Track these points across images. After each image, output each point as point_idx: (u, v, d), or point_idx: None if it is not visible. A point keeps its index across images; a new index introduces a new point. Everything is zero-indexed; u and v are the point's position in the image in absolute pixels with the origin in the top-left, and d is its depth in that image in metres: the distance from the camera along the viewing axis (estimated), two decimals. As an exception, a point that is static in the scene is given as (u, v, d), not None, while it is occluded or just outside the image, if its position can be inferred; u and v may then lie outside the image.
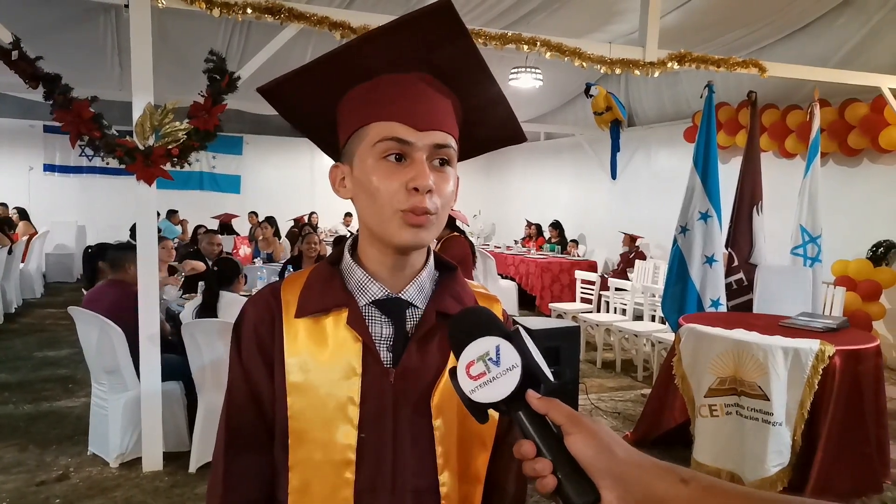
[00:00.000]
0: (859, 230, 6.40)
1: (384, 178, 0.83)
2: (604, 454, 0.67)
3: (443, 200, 0.85)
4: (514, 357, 0.71)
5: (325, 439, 0.86)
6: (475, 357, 0.72)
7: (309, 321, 0.89)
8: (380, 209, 0.84)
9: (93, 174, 11.63)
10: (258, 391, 0.90)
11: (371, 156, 0.84)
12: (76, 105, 3.28)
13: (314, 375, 0.87)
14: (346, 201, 4.25)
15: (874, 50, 6.19)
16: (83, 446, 3.89)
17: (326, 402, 0.86)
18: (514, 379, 0.70)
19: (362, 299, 0.90)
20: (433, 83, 0.86)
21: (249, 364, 0.91)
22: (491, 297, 1.01)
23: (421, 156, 0.83)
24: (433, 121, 0.84)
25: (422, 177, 0.82)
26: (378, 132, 0.84)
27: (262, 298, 0.94)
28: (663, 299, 5.09)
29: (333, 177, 0.92)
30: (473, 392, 0.71)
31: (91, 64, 7.19)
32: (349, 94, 0.88)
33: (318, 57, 0.85)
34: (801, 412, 3.18)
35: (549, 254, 9.49)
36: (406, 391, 0.87)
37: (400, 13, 3.59)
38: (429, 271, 0.94)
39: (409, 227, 0.83)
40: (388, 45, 0.84)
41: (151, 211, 3.70)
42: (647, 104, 9.31)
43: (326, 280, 0.92)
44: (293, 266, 5.49)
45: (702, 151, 4.89)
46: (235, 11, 3.64)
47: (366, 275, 0.90)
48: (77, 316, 3.77)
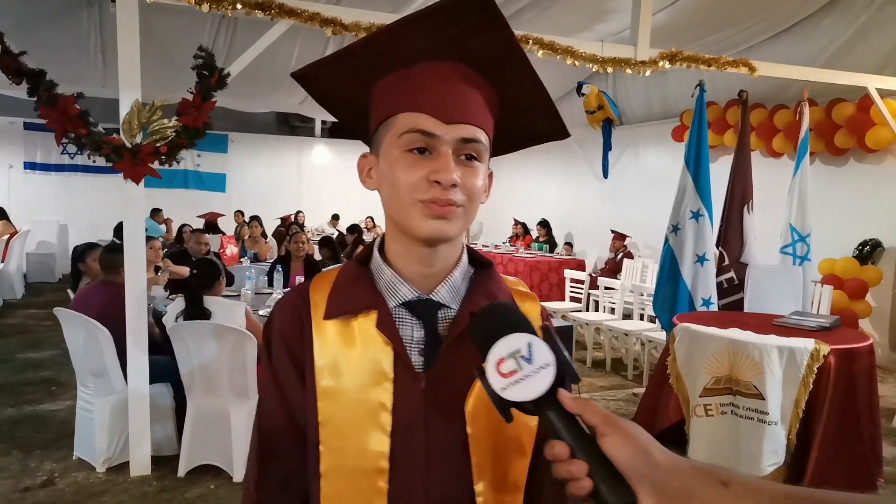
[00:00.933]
0: (846, 229, 6.45)
1: (407, 168, 0.80)
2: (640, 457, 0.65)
3: (470, 195, 0.81)
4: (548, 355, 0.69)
5: (356, 446, 0.84)
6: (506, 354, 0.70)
7: (338, 323, 0.86)
8: (400, 199, 0.81)
9: (75, 172, 11.45)
10: (289, 397, 0.88)
11: (396, 147, 0.81)
12: (62, 101, 3.19)
13: (344, 380, 0.84)
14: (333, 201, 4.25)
15: (860, 50, 6.25)
16: (68, 451, 3.80)
17: (357, 408, 0.84)
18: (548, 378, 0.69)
19: (392, 301, 0.86)
20: (468, 74, 0.82)
21: (280, 369, 0.89)
22: (529, 294, 0.97)
23: (446, 149, 0.80)
24: (462, 113, 0.80)
25: (444, 170, 0.78)
26: (404, 123, 0.81)
27: (290, 302, 0.91)
28: (654, 298, 5.09)
29: (361, 167, 0.90)
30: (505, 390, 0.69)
31: (73, 60, 7.06)
32: (382, 82, 0.85)
33: (352, 42, 0.83)
34: (797, 411, 3.18)
35: (537, 252, 9.48)
36: (438, 397, 0.84)
37: (390, 8, 3.56)
38: (462, 269, 0.90)
39: (432, 219, 0.80)
40: (423, 32, 0.80)
41: (139, 210, 3.62)
42: (635, 103, 9.34)
43: (355, 280, 0.89)
44: (282, 266, 5.42)
45: (693, 151, 4.89)
46: (225, 7, 3.57)
47: (395, 275, 0.87)
48: (63, 317, 3.69)
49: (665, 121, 8.72)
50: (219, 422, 3.53)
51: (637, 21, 4.78)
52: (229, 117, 11.48)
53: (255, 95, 9.10)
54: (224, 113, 10.50)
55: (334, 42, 7.56)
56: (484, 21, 0.79)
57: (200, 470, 3.58)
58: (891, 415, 4.59)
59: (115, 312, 3.57)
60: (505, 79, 0.84)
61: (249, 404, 3.55)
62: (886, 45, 6.16)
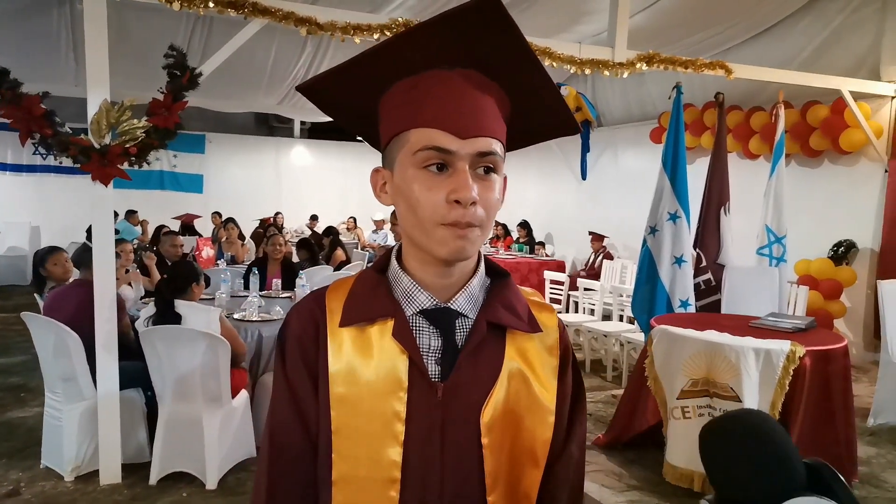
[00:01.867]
0: (821, 230, 6.52)
1: (425, 190, 0.79)
2: None
3: (487, 210, 0.81)
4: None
5: (369, 456, 0.84)
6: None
7: (354, 330, 0.86)
8: (420, 222, 0.80)
9: (47, 173, 11.20)
10: (303, 406, 0.87)
11: (411, 164, 0.80)
12: (26, 101, 3.10)
13: (359, 389, 0.84)
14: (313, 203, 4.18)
15: (834, 53, 6.33)
16: (35, 459, 3.70)
17: (371, 417, 0.84)
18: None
19: (409, 309, 0.86)
20: (478, 79, 0.81)
21: (294, 377, 0.88)
22: (545, 305, 0.95)
23: (463, 165, 0.79)
24: (477, 126, 0.79)
25: (464, 188, 0.77)
26: (419, 140, 0.79)
27: (305, 307, 0.90)
28: (633, 300, 5.10)
29: (374, 181, 0.89)
30: None
31: (44, 58, 6.91)
32: (391, 91, 0.84)
33: (359, 54, 0.82)
34: (773, 413, 3.18)
35: (517, 254, 9.48)
36: (454, 407, 0.84)
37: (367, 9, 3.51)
38: (480, 278, 0.89)
39: (452, 241, 0.79)
40: (431, 41, 0.79)
41: (108, 212, 3.53)
42: (614, 105, 9.38)
43: (372, 288, 0.88)
44: (258, 268, 5.35)
45: (670, 152, 4.90)
46: (197, 5, 3.51)
47: (413, 283, 0.86)
48: (31, 322, 3.59)
49: (643, 122, 8.76)
50: (191, 428, 3.46)
51: (615, 23, 4.79)
52: (206, 117, 11.33)
53: (233, 95, 8.99)
54: (201, 113, 10.36)
55: (312, 42, 7.50)
56: (494, 26, 0.78)
57: (172, 477, 3.50)
58: (865, 414, 4.64)
59: (88, 313, 3.48)
60: (516, 80, 0.83)
61: (222, 410, 3.49)
62: (860, 48, 6.25)
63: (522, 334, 0.88)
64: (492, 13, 0.76)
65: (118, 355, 3.51)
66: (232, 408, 3.58)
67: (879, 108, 6.26)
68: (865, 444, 4.23)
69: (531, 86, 0.85)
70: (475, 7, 0.76)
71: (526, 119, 0.88)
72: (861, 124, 6.02)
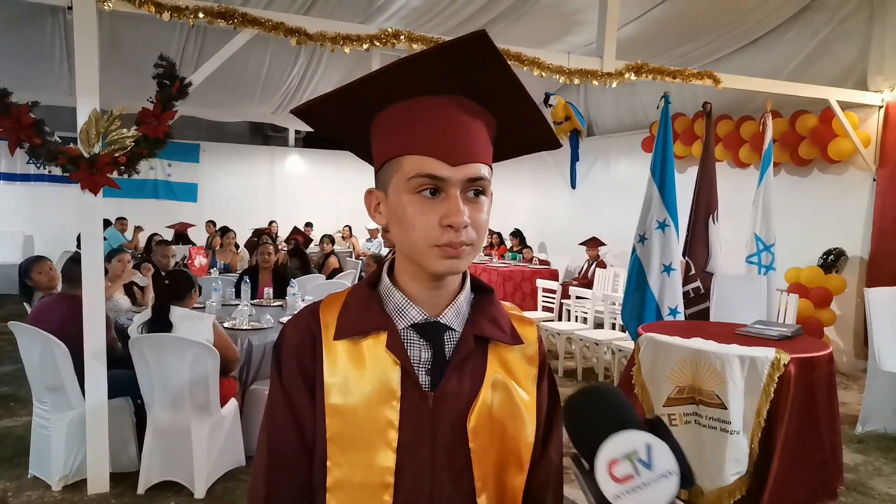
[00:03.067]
0: (810, 238, 6.56)
1: (419, 214, 0.84)
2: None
3: (478, 230, 0.86)
4: (670, 461, 0.63)
5: (363, 462, 0.88)
6: (620, 455, 0.64)
7: (348, 343, 0.90)
8: (414, 243, 0.85)
9: (41, 182, 11.20)
10: (299, 413, 0.91)
11: (405, 190, 0.85)
12: (15, 110, 3.12)
13: (353, 398, 0.88)
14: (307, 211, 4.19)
15: (822, 63, 6.40)
16: (23, 469, 3.69)
17: (365, 425, 0.88)
18: (671, 489, 0.63)
19: (401, 322, 0.91)
20: (468, 105, 0.87)
21: (290, 386, 0.92)
22: (526, 319, 1.01)
23: (455, 191, 0.84)
24: (467, 154, 0.85)
25: (455, 214, 0.83)
26: (412, 166, 0.84)
27: (302, 320, 0.95)
28: (623, 308, 5.12)
29: (369, 202, 0.94)
30: (619, 498, 0.63)
31: (38, 68, 6.95)
32: (384, 113, 0.89)
33: (352, 81, 0.86)
34: (758, 420, 3.20)
35: (510, 262, 9.50)
36: (443, 415, 0.89)
37: (359, 19, 3.55)
38: (466, 294, 0.95)
39: (445, 259, 0.84)
40: (425, 70, 0.84)
41: (97, 221, 3.55)
42: (606, 114, 9.44)
43: (365, 302, 0.93)
44: (249, 277, 5.35)
45: (659, 161, 4.94)
46: (187, 16, 3.54)
47: (405, 298, 0.91)
48: (18, 331, 3.59)
49: (635, 132, 8.82)
50: (180, 437, 3.46)
51: (603, 33, 4.84)
52: (201, 126, 11.36)
53: (227, 104, 9.04)
54: (195, 122, 10.39)
55: (305, 51, 7.55)
56: (485, 59, 0.83)
57: (161, 487, 3.50)
58: (854, 421, 4.66)
59: (75, 325, 3.48)
60: (503, 105, 0.89)
61: (211, 419, 3.49)
62: (846, 58, 6.32)
63: (505, 346, 0.94)
64: (483, 48, 0.81)
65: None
66: (221, 417, 3.58)
67: (867, 117, 6.32)
68: (853, 451, 4.25)
69: (516, 108, 0.91)
70: (467, 41, 0.81)
71: (511, 137, 0.94)
72: (849, 133, 6.08)
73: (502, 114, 0.90)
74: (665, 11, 6.07)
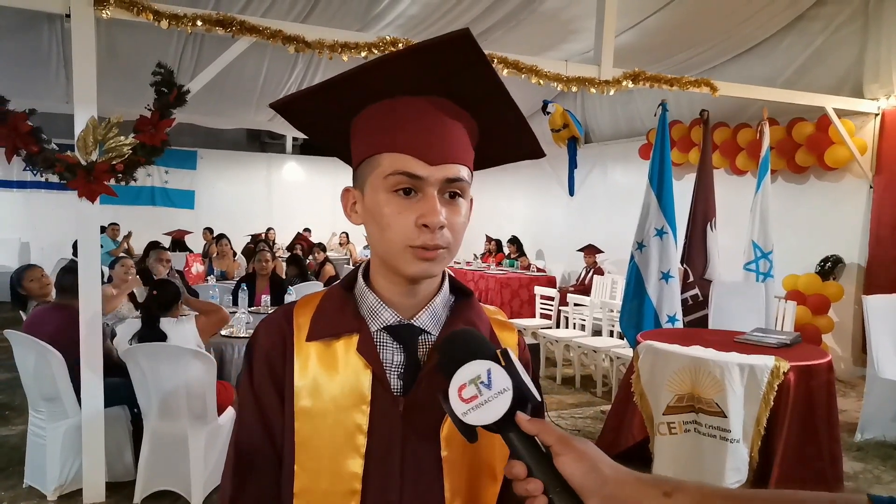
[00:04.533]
0: (808, 245, 6.57)
1: (395, 213, 0.82)
2: (592, 474, 0.70)
3: (454, 232, 0.84)
4: (505, 380, 0.73)
5: (331, 468, 0.85)
6: (467, 380, 0.74)
7: (320, 345, 0.88)
8: (389, 243, 0.83)
9: (38, 189, 11.16)
10: (269, 417, 0.89)
11: (382, 188, 0.83)
12: (12, 118, 3.11)
13: (323, 402, 0.86)
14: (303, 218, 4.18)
15: (817, 71, 6.42)
16: (18, 478, 3.66)
17: (334, 429, 0.85)
18: (506, 402, 0.72)
19: (374, 325, 0.88)
20: (449, 108, 0.84)
21: (261, 390, 0.89)
22: (507, 324, 0.99)
23: (432, 191, 0.82)
24: (446, 154, 0.82)
25: (432, 213, 0.81)
26: (390, 164, 0.82)
27: (274, 322, 0.92)
28: (621, 315, 5.12)
29: (345, 201, 0.91)
30: (466, 415, 0.73)
31: (35, 75, 6.94)
32: (363, 113, 0.87)
33: (333, 77, 0.84)
34: (758, 428, 3.20)
35: (508, 269, 9.50)
36: (415, 421, 0.86)
37: (357, 27, 3.55)
38: (443, 297, 0.92)
39: (420, 261, 0.83)
40: (406, 69, 0.82)
41: (94, 228, 3.53)
42: (603, 122, 9.45)
43: (339, 304, 0.91)
44: (247, 284, 5.34)
45: (657, 168, 4.95)
46: (185, 24, 3.53)
47: (378, 300, 0.89)
48: (13, 339, 3.57)
49: (632, 139, 8.84)
50: (176, 446, 3.43)
51: (601, 41, 4.85)
52: (198, 133, 11.36)
53: (225, 112, 9.03)
54: (193, 129, 10.39)
55: (303, 59, 7.55)
56: (468, 60, 0.80)
57: (157, 496, 3.47)
58: (853, 429, 4.65)
59: (68, 336, 3.46)
60: (485, 109, 0.87)
61: (208, 428, 3.46)
62: (842, 66, 6.35)
63: None
64: (466, 48, 0.79)
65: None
66: (218, 425, 3.55)
67: (863, 125, 6.34)
68: (852, 459, 4.24)
69: (500, 115, 0.88)
70: (450, 41, 0.78)
71: (493, 144, 0.91)
72: (846, 141, 6.09)
73: (484, 118, 0.87)
74: (661, 20, 6.10)
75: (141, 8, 3.40)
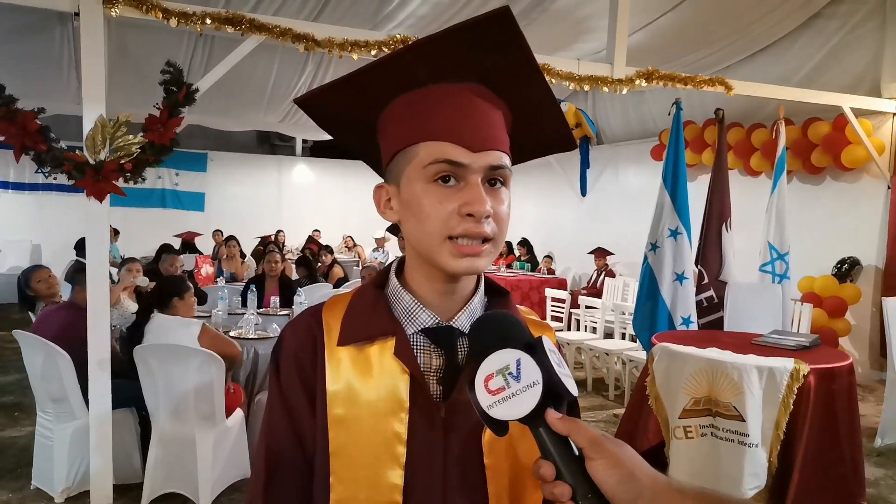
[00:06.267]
0: (824, 247, 6.47)
1: (436, 203, 0.77)
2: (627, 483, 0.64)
3: (499, 223, 0.80)
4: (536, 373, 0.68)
5: (369, 478, 0.80)
6: (494, 370, 0.69)
7: (353, 349, 0.83)
8: (429, 235, 0.78)
9: (49, 191, 11.22)
10: (299, 424, 0.84)
11: (421, 178, 0.78)
12: (21, 117, 3.09)
13: (358, 409, 0.81)
14: (313, 220, 4.12)
15: (834, 70, 6.33)
16: (26, 480, 3.64)
17: (371, 438, 0.81)
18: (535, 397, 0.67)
19: (410, 327, 0.84)
20: (485, 94, 0.80)
21: (290, 394, 0.85)
22: (543, 325, 0.96)
23: (476, 178, 0.77)
24: (488, 140, 0.78)
25: (478, 201, 0.76)
26: (429, 153, 0.77)
27: (302, 323, 0.88)
28: (634, 317, 5.04)
29: (378, 198, 0.86)
30: (491, 408, 0.68)
31: (46, 77, 6.96)
32: (392, 105, 0.82)
33: (361, 67, 0.79)
34: (777, 433, 3.11)
35: (518, 271, 9.44)
36: (457, 427, 0.81)
37: (367, 27, 3.49)
38: (480, 297, 0.88)
39: (462, 258, 0.78)
40: (439, 54, 0.77)
41: (103, 229, 3.50)
42: (614, 122, 9.39)
43: (371, 305, 0.86)
44: (256, 286, 5.31)
45: (670, 168, 4.87)
46: (194, 22, 3.51)
47: (415, 301, 0.84)
48: (22, 340, 3.55)
49: (644, 140, 8.76)
50: (184, 448, 3.40)
51: (613, 40, 4.79)
52: (208, 136, 11.38)
53: (235, 113, 9.04)
54: (203, 131, 10.40)
55: (313, 60, 7.54)
56: (506, 40, 0.76)
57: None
58: (872, 434, 4.55)
59: (74, 335, 3.43)
60: (521, 96, 0.82)
61: (216, 430, 3.43)
62: (858, 65, 6.25)
63: None
64: (505, 26, 0.75)
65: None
66: (226, 427, 3.52)
67: (881, 124, 6.24)
68: (873, 464, 4.15)
69: (535, 102, 0.84)
70: (489, 20, 0.74)
71: (526, 135, 0.87)
72: (863, 141, 6.00)
73: (519, 105, 0.83)
74: (674, 19, 6.03)
75: (150, 6, 3.38)
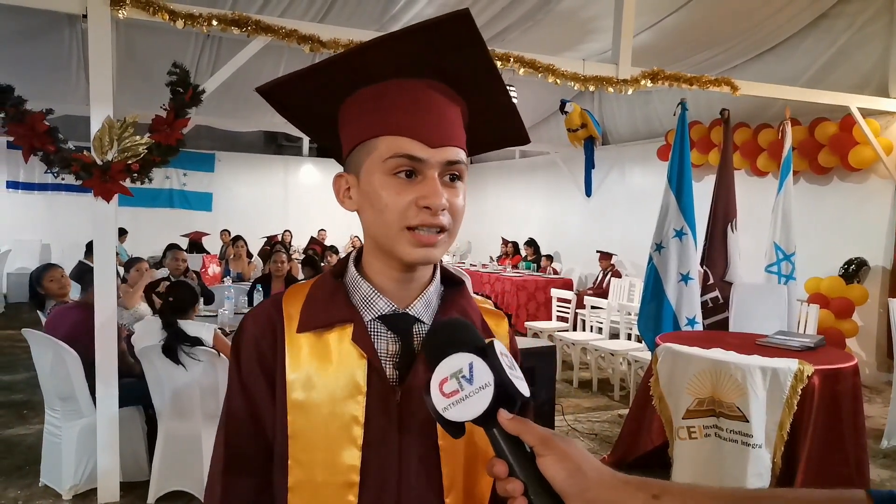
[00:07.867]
0: (831, 248, 6.44)
1: (393, 194, 0.80)
2: (574, 476, 0.67)
3: (454, 216, 0.83)
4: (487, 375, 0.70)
5: (327, 460, 0.83)
6: (448, 374, 0.71)
7: (312, 336, 0.85)
8: (386, 225, 0.81)
9: (58, 191, 11.32)
10: (258, 409, 0.87)
11: (380, 171, 0.81)
12: (29, 118, 3.12)
13: (317, 393, 0.84)
14: (320, 222, 4.16)
15: (841, 70, 6.29)
16: (34, 477, 3.67)
17: (329, 421, 0.83)
18: (487, 398, 0.70)
19: (368, 314, 0.87)
20: (443, 90, 0.83)
21: (249, 381, 0.87)
22: (497, 313, 0.99)
23: (433, 173, 0.80)
24: (445, 135, 0.81)
25: (434, 195, 0.79)
26: (388, 147, 0.80)
27: (262, 312, 0.90)
28: (639, 318, 5.04)
29: (338, 187, 0.88)
30: (446, 410, 0.71)
31: (56, 78, 7.01)
32: (352, 98, 0.85)
33: (321, 60, 0.83)
34: (781, 434, 3.11)
35: (524, 272, 9.44)
36: (412, 410, 0.84)
37: (372, 28, 3.52)
38: (436, 286, 0.91)
39: (419, 248, 0.81)
40: (399, 51, 0.80)
41: (111, 229, 3.54)
42: (621, 123, 9.37)
43: (330, 293, 0.88)
44: (262, 286, 5.34)
45: (676, 169, 4.87)
46: (200, 23, 3.54)
47: (372, 289, 0.87)
48: (31, 339, 3.59)
49: (650, 140, 8.74)
50: (191, 446, 3.43)
51: (619, 40, 4.78)
52: (216, 136, 11.44)
53: (241, 114, 9.08)
54: (210, 132, 10.46)
55: (320, 59, 7.57)
56: (463, 41, 0.79)
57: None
58: (878, 436, 4.53)
59: (85, 335, 3.47)
60: (478, 93, 0.85)
61: (222, 428, 3.44)
62: (866, 64, 6.22)
63: None
64: (464, 27, 0.78)
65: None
66: (231, 426, 3.54)
67: (889, 124, 6.21)
68: (879, 466, 4.13)
69: (492, 100, 0.87)
70: (448, 21, 0.77)
71: (482, 130, 0.90)
72: (870, 141, 5.97)
73: (475, 101, 0.86)
74: (680, 19, 6.01)
75: (157, 8, 3.41)
